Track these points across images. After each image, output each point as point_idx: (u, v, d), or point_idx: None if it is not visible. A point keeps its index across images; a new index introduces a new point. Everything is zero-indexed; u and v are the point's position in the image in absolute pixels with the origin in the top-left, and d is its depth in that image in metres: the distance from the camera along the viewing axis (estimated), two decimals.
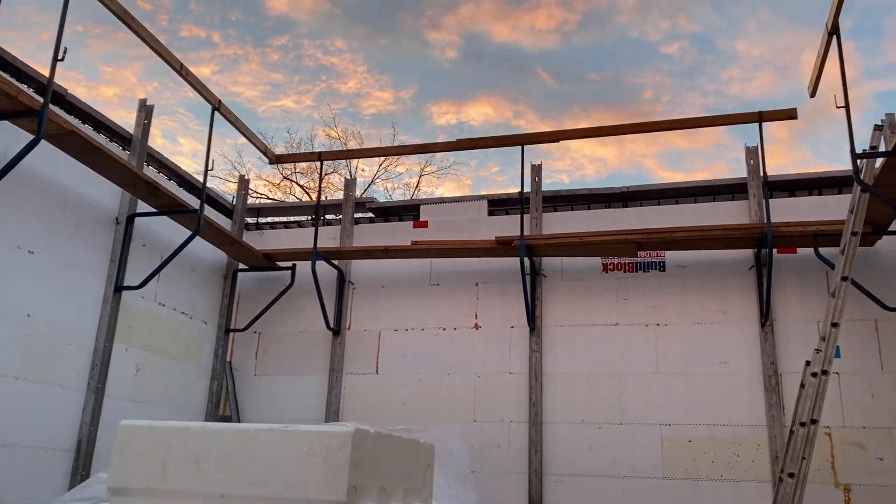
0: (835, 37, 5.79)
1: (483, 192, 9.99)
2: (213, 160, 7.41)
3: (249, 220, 9.75)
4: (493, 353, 8.18)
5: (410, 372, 8.34)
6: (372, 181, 22.67)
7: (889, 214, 6.68)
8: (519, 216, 7.90)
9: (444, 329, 8.40)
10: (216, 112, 7.49)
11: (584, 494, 7.48)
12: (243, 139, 8.21)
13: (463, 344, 8.30)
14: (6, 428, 5.93)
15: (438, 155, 21.95)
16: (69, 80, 8.96)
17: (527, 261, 7.99)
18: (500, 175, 28.18)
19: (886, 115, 7.21)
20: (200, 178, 7.93)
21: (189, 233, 7.41)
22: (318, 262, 8.18)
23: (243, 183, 9.72)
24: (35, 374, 6.23)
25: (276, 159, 9.09)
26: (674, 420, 7.51)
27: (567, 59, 27.26)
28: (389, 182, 28.70)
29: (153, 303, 7.79)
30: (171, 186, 8.36)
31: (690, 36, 25.76)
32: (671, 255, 8.04)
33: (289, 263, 8.78)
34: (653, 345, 7.81)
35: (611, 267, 8.22)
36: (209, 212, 8.58)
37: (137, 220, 7.49)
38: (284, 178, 21.52)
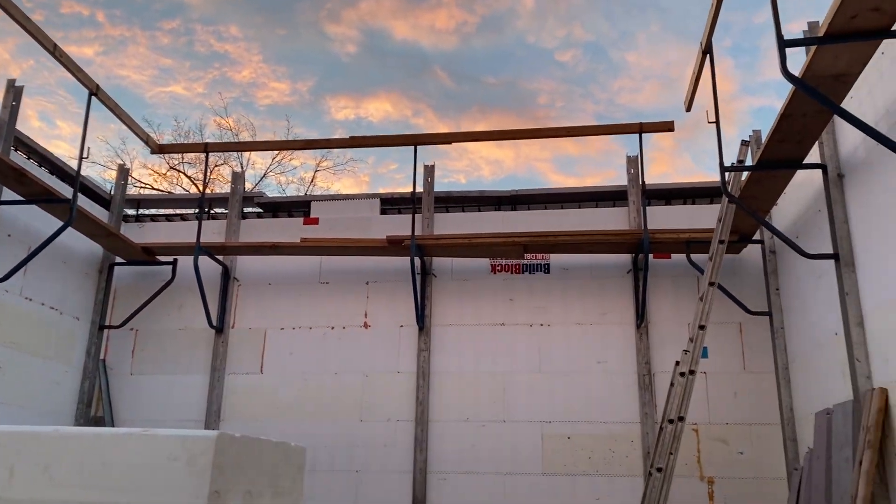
0: (708, 56, 6.15)
1: (381, 190, 9.97)
2: (88, 147, 7.01)
3: (129, 211, 9.29)
4: (381, 352, 8.17)
5: (297, 372, 8.20)
6: (265, 174, 22.10)
7: (754, 225, 7.17)
8: (411, 215, 7.93)
9: (333, 328, 8.32)
10: (94, 97, 7.09)
11: (466, 492, 7.60)
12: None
13: (351, 343, 8.24)
14: None
15: (336, 150, 21.68)
16: None
17: (417, 260, 8.04)
18: (399, 173, 28.21)
19: (754, 131, 7.74)
20: (75, 166, 7.47)
21: (61, 223, 6.97)
22: (201, 257, 7.90)
23: (123, 172, 9.24)
24: None
25: (159, 149, 8.70)
26: (554, 418, 7.75)
27: (466, 61, 27.62)
28: (283, 175, 28.12)
29: (18, 297, 7.28)
30: (42, 174, 7.84)
31: (584, 45, 26.72)
32: (556, 258, 8.30)
33: (170, 258, 8.43)
34: (536, 344, 8.03)
35: (499, 268, 8.39)
36: (84, 201, 8.11)
37: (2, 208, 6.97)
38: (171, 168, 20.61)
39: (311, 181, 22.53)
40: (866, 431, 5.21)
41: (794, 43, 4.48)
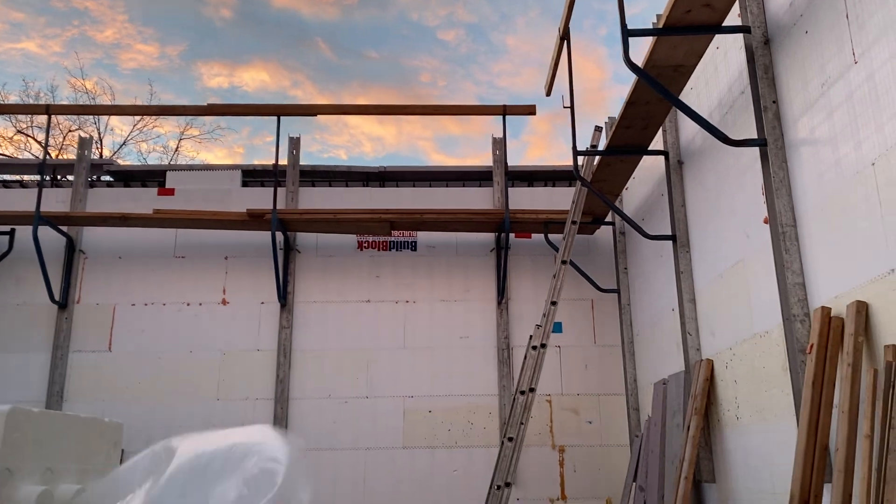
0: (565, 42, 6.35)
1: (255, 162, 9.59)
2: None
3: None
4: (240, 329, 7.96)
5: (149, 350, 7.83)
6: (125, 141, 20.77)
7: (606, 207, 7.52)
8: (273, 188, 7.73)
9: (189, 304, 8.00)
10: None
11: (326, 468, 7.57)
12: None
13: (209, 320, 7.96)
14: None
15: (208, 119, 20.65)
16: None
17: (280, 235, 7.86)
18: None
19: (609, 117, 8.08)
20: None
21: None
22: (42, 227, 7.36)
23: None
24: None
25: None
26: (417, 392, 7.86)
27: (347, 34, 27.16)
28: (146, 143, 26.64)
29: None
30: None
31: (466, 25, 26.93)
32: (422, 236, 8.37)
33: (7, 227, 7.80)
34: (401, 321, 8.09)
35: (366, 245, 8.36)
36: None
37: None
38: (19, 131, 18.98)
39: (176, 150, 21.43)
40: (694, 399, 5.64)
41: (636, 33, 4.71)
